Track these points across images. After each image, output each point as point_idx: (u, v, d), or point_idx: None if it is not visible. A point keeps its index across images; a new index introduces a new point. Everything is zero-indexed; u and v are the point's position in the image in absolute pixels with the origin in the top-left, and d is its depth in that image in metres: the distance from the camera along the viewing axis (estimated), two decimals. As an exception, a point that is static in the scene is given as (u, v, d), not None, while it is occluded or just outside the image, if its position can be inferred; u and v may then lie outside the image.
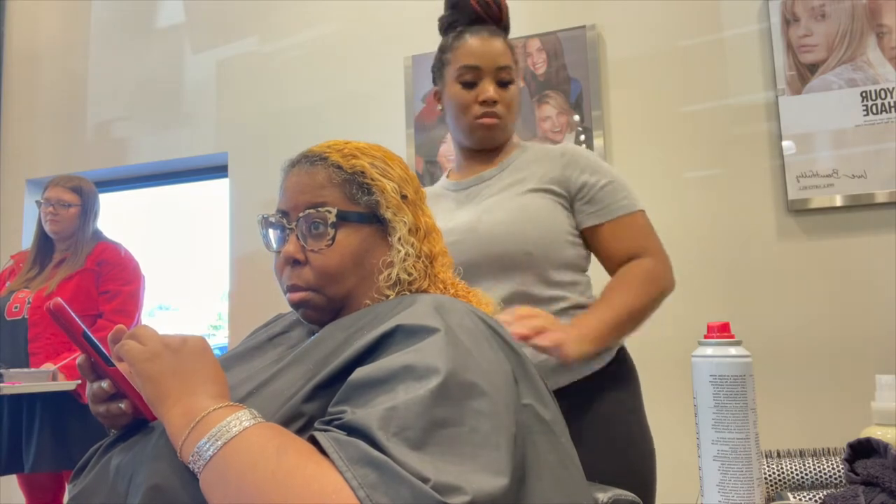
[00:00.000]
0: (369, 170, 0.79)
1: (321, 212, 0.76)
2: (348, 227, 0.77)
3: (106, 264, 2.33)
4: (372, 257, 0.78)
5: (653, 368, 1.54)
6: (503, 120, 1.25)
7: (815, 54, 2.06)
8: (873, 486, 0.60)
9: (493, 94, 1.23)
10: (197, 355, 0.68)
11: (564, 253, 1.19)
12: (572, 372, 1.15)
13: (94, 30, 3.24)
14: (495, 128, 1.25)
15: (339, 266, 0.76)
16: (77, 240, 2.35)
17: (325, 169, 0.79)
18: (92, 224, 2.40)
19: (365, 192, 0.78)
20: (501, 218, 1.17)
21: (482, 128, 1.25)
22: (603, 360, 1.18)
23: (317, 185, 0.78)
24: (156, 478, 0.62)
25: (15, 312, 2.25)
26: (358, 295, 0.78)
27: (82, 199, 2.36)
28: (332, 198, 0.77)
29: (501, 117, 1.24)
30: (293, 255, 0.77)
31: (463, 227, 1.21)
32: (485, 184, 1.27)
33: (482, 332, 0.69)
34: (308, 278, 0.77)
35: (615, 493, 0.80)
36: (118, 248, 2.39)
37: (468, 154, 1.33)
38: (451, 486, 0.51)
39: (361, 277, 0.78)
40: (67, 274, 2.29)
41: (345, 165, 0.79)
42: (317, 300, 0.77)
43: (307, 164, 0.80)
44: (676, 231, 1.85)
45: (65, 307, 0.67)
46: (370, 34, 2.69)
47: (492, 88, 1.23)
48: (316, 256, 0.77)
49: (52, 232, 2.34)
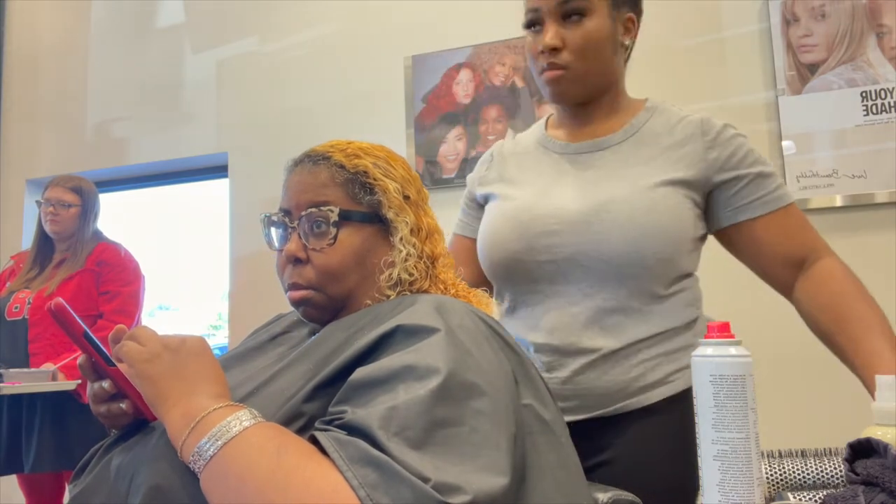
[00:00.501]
0: (372, 170, 0.79)
1: (323, 211, 0.76)
2: (350, 227, 0.77)
3: (106, 265, 2.32)
4: (373, 257, 0.78)
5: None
6: (571, 70, 1.00)
7: (815, 54, 2.06)
8: (873, 486, 0.60)
9: (550, 39, 0.98)
10: (196, 355, 0.68)
11: (682, 264, 0.99)
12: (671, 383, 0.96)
13: (94, 30, 3.24)
14: (561, 81, 1.01)
15: (340, 265, 0.76)
16: (77, 240, 2.34)
17: (328, 168, 0.79)
18: (92, 224, 2.39)
19: (367, 191, 0.78)
20: (628, 218, 0.95)
21: (548, 83, 1.02)
22: (676, 385, 0.97)
23: (319, 185, 0.78)
24: (156, 478, 0.62)
25: (15, 313, 2.25)
26: (359, 294, 0.78)
27: (82, 200, 2.36)
28: (334, 197, 0.77)
29: (568, 67, 0.99)
30: (295, 254, 0.77)
31: (570, 215, 0.99)
32: (601, 153, 1.03)
33: (482, 333, 0.69)
34: (309, 277, 0.77)
35: (615, 494, 0.80)
36: (118, 249, 2.39)
37: (573, 111, 1.08)
38: (452, 486, 0.51)
39: (363, 277, 0.78)
40: (67, 274, 2.28)
41: (347, 165, 0.79)
42: (318, 299, 0.77)
43: (310, 164, 0.80)
44: (676, 231, 1.85)
45: (66, 307, 0.67)
46: (370, 34, 2.69)
47: (551, 32, 0.99)
48: (317, 255, 0.77)
49: (52, 232, 2.34)
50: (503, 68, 2.42)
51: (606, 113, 1.07)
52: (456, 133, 2.48)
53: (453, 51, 2.48)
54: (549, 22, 1.00)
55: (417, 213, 0.82)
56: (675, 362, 0.98)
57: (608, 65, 1.03)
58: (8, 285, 2.38)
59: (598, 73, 1.02)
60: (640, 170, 1.00)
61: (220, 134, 2.93)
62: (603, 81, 1.04)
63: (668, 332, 0.98)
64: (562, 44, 0.99)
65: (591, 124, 1.07)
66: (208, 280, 3.94)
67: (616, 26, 1.02)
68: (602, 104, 1.06)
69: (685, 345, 0.99)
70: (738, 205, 1.00)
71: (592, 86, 1.03)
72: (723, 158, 1.00)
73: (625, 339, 0.97)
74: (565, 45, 0.99)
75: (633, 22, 1.04)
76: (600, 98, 1.06)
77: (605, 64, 1.02)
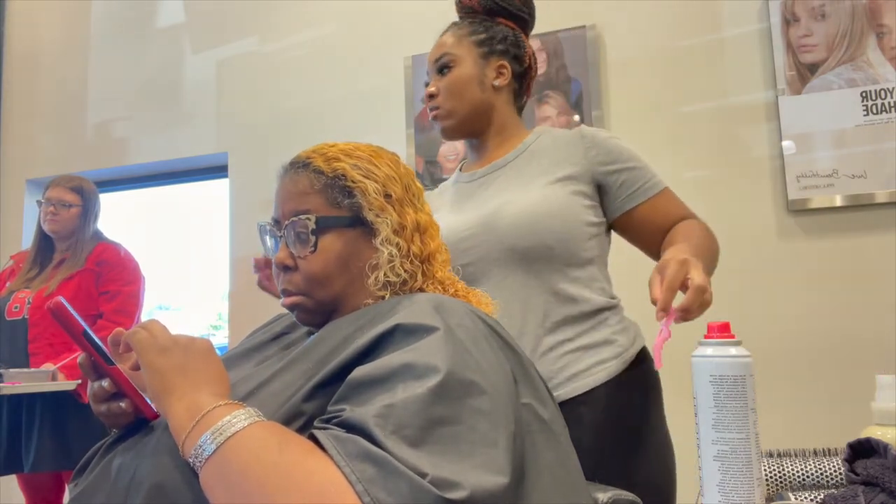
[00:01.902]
0: (350, 172, 0.79)
1: (302, 220, 0.77)
2: (332, 233, 0.78)
3: (106, 264, 2.31)
4: (358, 260, 0.79)
5: (653, 368, 1.53)
6: (443, 108, 1.21)
7: (815, 54, 2.06)
8: (873, 486, 0.60)
9: (429, 87, 1.23)
10: (204, 355, 0.69)
11: (582, 246, 1.13)
12: (593, 375, 1.07)
13: (94, 30, 3.24)
14: (440, 118, 1.23)
15: (323, 271, 0.77)
16: (77, 240, 2.34)
17: (308, 175, 0.80)
18: (92, 224, 2.39)
19: (347, 195, 0.79)
20: (522, 209, 1.11)
21: (432, 121, 1.25)
22: (624, 360, 1.09)
23: (300, 193, 0.79)
24: (158, 476, 0.62)
25: (15, 312, 2.24)
26: (348, 297, 0.79)
27: (83, 200, 2.36)
28: (314, 204, 0.78)
29: (440, 107, 1.22)
30: (283, 262, 0.79)
31: (476, 221, 1.15)
32: (497, 173, 1.21)
33: (481, 332, 0.69)
34: (298, 283, 0.79)
35: (615, 493, 0.80)
36: (118, 249, 2.38)
37: (473, 145, 1.29)
38: (449, 482, 0.52)
39: (349, 280, 0.78)
40: (68, 274, 2.27)
41: (326, 170, 0.79)
42: (307, 304, 0.79)
43: (293, 171, 0.81)
44: (676, 231, 1.85)
45: (65, 306, 0.67)
46: (370, 34, 2.69)
47: (431, 82, 1.23)
48: (303, 262, 0.78)
49: (51, 231, 2.33)
50: (503, 68, 2.42)
51: (498, 143, 1.24)
52: (456, 133, 2.48)
53: (453, 51, 2.48)
54: (431, 75, 1.25)
55: (402, 211, 0.81)
56: (595, 355, 1.09)
57: (477, 102, 1.21)
58: (8, 285, 2.37)
59: (467, 110, 1.21)
60: (532, 177, 1.16)
61: (220, 134, 2.93)
62: (478, 117, 1.23)
63: (582, 316, 1.10)
64: (436, 91, 1.22)
65: (487, 154, 1.25)
66: (208, 280, 3.94)
67: (484, 72, 1.21)
68: (490, 136, 1.25)
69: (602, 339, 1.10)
70: (624, 195, 1.16)
71: (464, 120, 1.22)
72: (602, 154, 1.15)
73: (547, 322, 1.09)
74: (439, 91, 1.22)
75: (506, 67, 1.22)
76: (486, 131, 1.24)
77: (471, 102, 1.21)
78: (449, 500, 0.50)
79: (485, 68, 1.22)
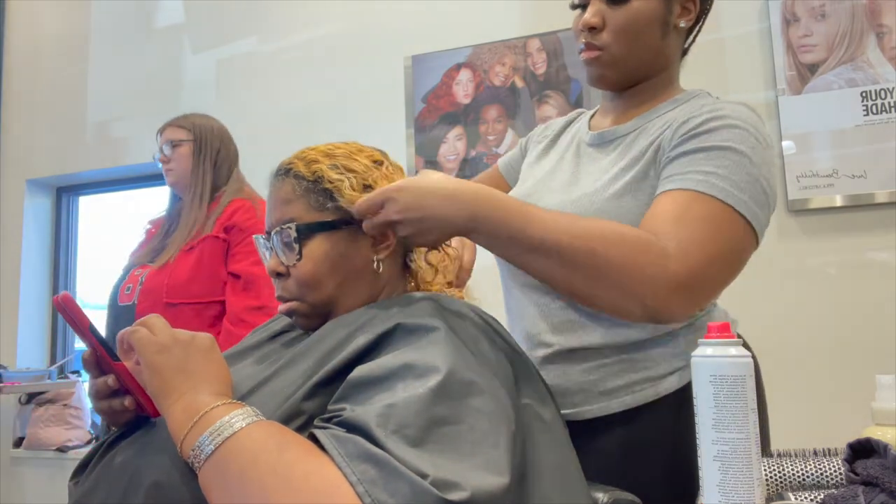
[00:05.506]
0: (327, 172, 0.79)
1: (285, 229, 0.78)
2: (317, 237, 0.78)
3: (236, 231, 1.60)
4: (349, 260, 0.79)
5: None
6: (608, 52, 0.92)
7: (815, 54, 2.06)
8: (873, 486, 0.60)
9: (589, 17, 0.92)
10: (204, 352, 0.68)
11: None
12: (642, 392, 0.87)
13: (94, 30, 3.24)
14: (597, 62, 0.93)
15: (313, 275, 0.77)
16: (194, 191, 1.68)
17: (290, 181, 0.80)
18: (214, 169, 1.75)
19: (329, 197, 0.78)
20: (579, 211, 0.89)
21: (584, 63, 0.95)
22: (682, 378, 0.88)
23: (283, 201, 0.80)
24: (158, 474, 0.62)
25: (126, 296, 1.64)
26: (343, 297, 0.79)
27: (195, 135, 1.79)
28: (296, 211, 0.78)
29: (605, 48, 0.92)
30: (275, 270, 0.80)
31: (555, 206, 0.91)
32: (601, 147, 0.96)
33: (482, 332, 0.69)
34: (291, 289, 0.79)
35: (615, 494, 0.80)
36: (255, 208, 1.65)
37: (612, 98, 1.01)
38: (450, 483, 0.52)
39: (342, 281, 0.78)
40: (186, 243, 1.60)
41: (307, 174, 0.79)
42: (301, 308, 0.79)
43: (277, 179, 0.82)
44: (676, 231, 1.85)
45: (72, 299, 0.67)
46: (370, 34, 2.69)
47: (592, 10, 0.92)
48: (293, 268, 0.79)
49: (171, 185, 1.78)
50: (503, 68, 2.42)
51: (642, 101, 0.97)
52: (456, 133, 2.48)
53: (453, 51, 2.48)
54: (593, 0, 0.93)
55: None
56: (641, 371, 0.88)
57: (653, 50, 0.93)
58: (130, 260, 1.77)
59: (640, 57, 0.93)
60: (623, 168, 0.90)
61: (220, 134, 2.92)
62: (646, 67, 0.95)
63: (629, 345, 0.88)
64: (602, 23, 0.91)
65: (626, 110, 0.98)
66: (208, 280, 3.94)
67: (670, 6, 0.92)
68: (643, 92, 0.96)
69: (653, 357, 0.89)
70: None
71: (632, 71, 0.94)
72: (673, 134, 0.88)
73: (575, 341, 0.89)
74: (606, 24, 0.91)
75: (694, 2, 0.94)
76: (643, 85, 0.96)
77: (648, 48, 0.93)
78: (450, 501, 0.50)
79: (671, 2, 0.93)
